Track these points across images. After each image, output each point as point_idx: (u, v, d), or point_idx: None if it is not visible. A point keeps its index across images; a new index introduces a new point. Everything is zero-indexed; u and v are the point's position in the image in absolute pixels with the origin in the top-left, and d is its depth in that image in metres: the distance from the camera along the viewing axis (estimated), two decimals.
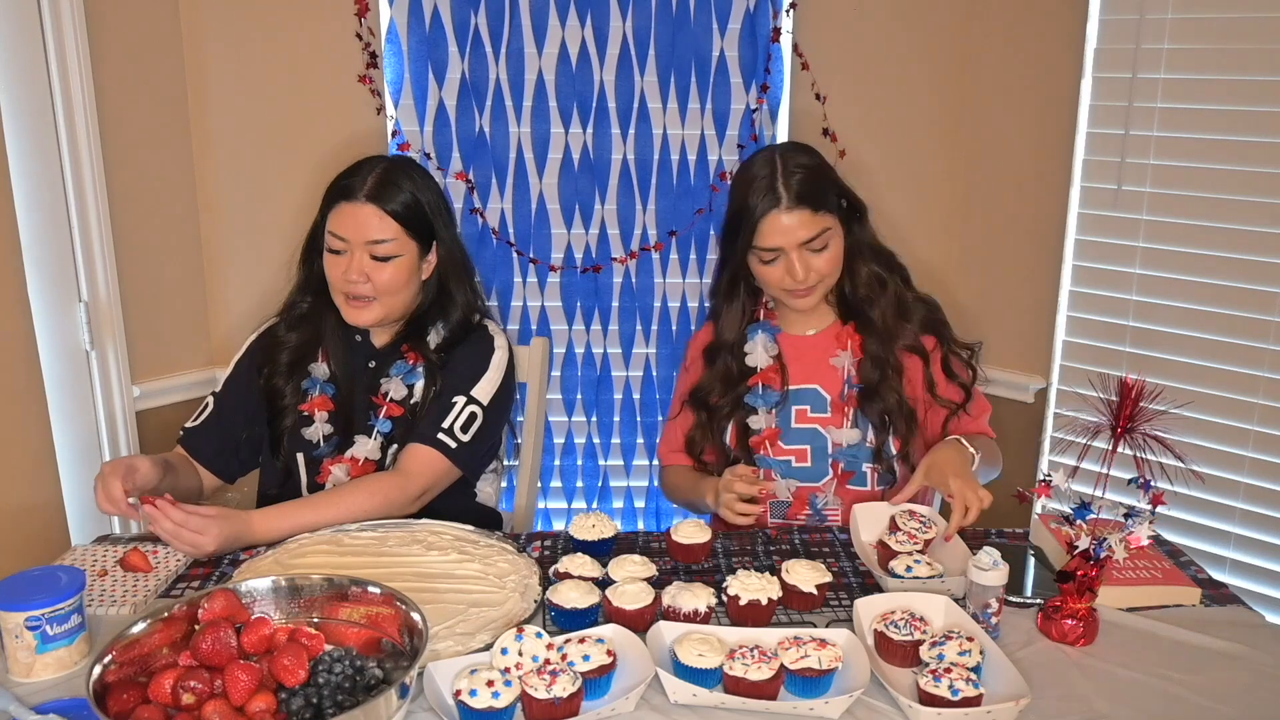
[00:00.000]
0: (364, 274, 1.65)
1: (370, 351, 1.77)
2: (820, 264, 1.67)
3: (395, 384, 1.72)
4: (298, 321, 1.78)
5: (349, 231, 1.65)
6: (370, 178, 1.66)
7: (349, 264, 1.65)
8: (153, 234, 2.20)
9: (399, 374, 1.73)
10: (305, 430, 1.73)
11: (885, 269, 1.75)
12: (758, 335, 1.77)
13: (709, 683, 1.17)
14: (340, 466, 1.71)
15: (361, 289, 1.66)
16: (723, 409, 1.77)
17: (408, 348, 1.75)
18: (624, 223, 2.39)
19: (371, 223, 1.64)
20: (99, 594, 1.38)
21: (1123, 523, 1.32)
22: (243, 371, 1.79)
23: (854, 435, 1.73)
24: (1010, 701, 1.12)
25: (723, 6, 2.28)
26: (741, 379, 1.77)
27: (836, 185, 1.71)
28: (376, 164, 1.69)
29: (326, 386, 1.75)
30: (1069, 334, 2.37)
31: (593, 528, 1.51)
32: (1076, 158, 2.28)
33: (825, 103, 2.35)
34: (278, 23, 2.23)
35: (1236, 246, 2.09)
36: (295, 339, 1.76)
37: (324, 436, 1.73)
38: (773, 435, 1.74)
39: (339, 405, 1.74)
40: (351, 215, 1.65)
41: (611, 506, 2.58)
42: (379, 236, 1.65)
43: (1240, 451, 2.14)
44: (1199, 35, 2.08)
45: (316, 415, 1.73)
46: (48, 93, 1.94)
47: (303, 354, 1.76)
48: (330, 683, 1.06)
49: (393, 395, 1.72)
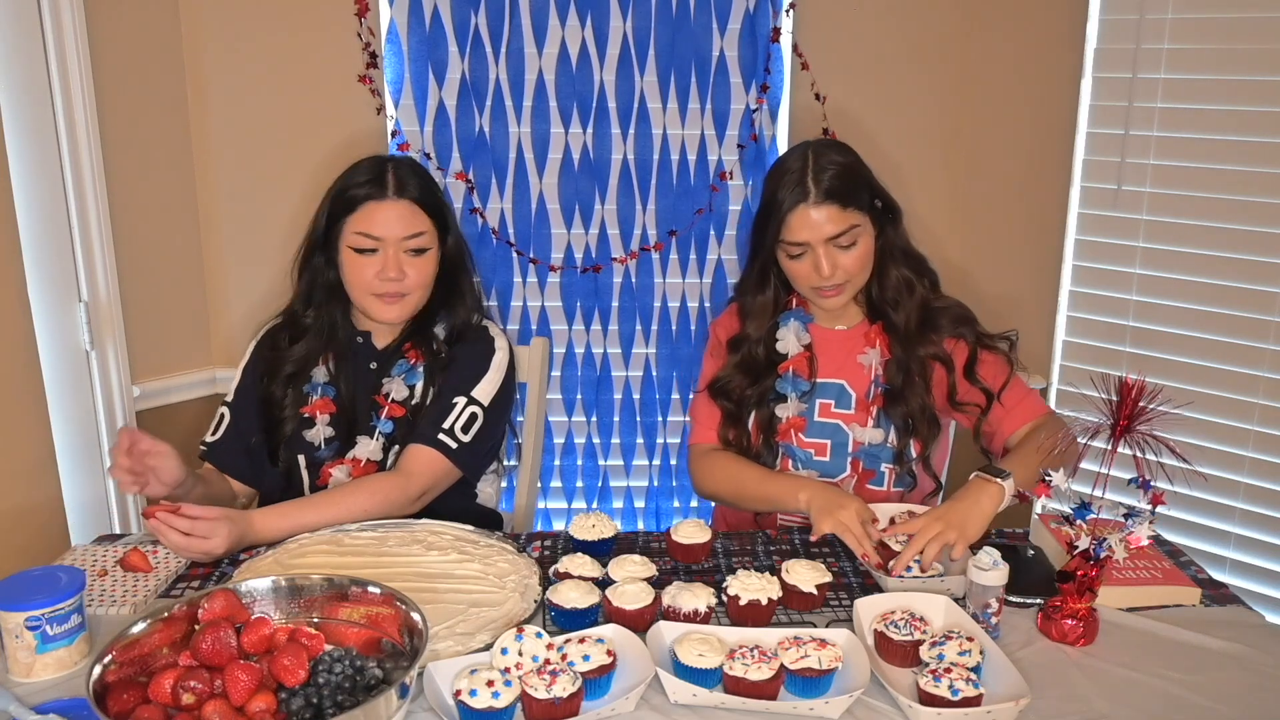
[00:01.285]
0: (400, 270, 1.65)
1: (372, 353, 1.77)
2: (848, 262, 1.66)
3: (397, 384, 1.72)
4: (300, 333, 1.76)
5: (383, 229, 1.64)
6: (391, 176, 1.66)
7: (384, 262, 1.64)
8: (153, 234, 2.20)
9: (400, 374, 1.73)
10: (306, 433, 1.73)
11: (915, 273, 1.73)
12: (790, 323, 1.77)
13: (709, 683, 1.17)
14: (341, 468, 1.71)
15: (395, 286, 1.65)
16: (750, 399, 1.76)
17: (410, 346, 1.74)
18: (624, 223, 2.39)
19: (406, 217, 1.65)
20: (99, 594, 1.38)
21: (1123, 523, 1.32)
22: (249, 378, 1.79)
23: (877, 435, 1.73)
24: (1010, 701, 1.12)
25: (722, 6, 2.28)
26: (769, 367, 1.76)
27: (869, 184, 1.69)
28: (387, 162, 1.69)
29: (328, 389, 1.74)
30: (1069, 334, 2.37)
31: (593, 528, 1.51)
32: (1076, 158, 2.28)
33: (825, 103, 2.35)
34: (278, 23, 2.23)
35: (1236, 246, 2.09)
36: (298, 351, 1.75)
37: (325, 439, 1.73)
38: (799, 424, 1.74)
39: (340, 407, 1.74)
40: (384, 213, 1.64)
41: (611, 506, 2.58)
42: (416, 229, 1.65)
43: (1240, 451, 2.14)
44: (1199, 35, 2.08)
45: (318, 418, 1.73)
46: (48, 93, 1.94)
47: (304, 365, 1.75)
48: (330, 683, 1.06)
49: (394, 396, 1.72)
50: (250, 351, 1.81)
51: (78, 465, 2.08)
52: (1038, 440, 1.62)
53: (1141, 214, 2.21)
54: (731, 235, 2.42)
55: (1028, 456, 1.59)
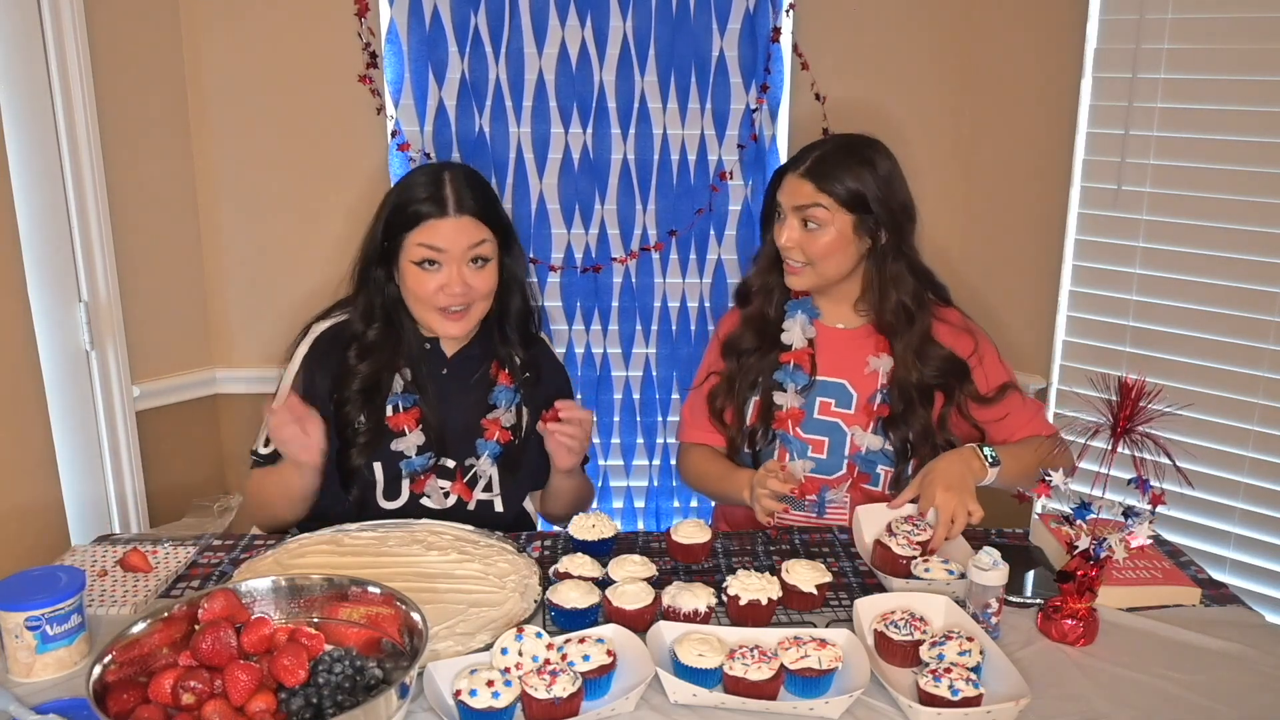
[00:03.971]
0: (465, 283, 1.61)
1: (442, 360, 1.72)
2: (805, 241, 1.68)
3: (505, 414, 1.71)
4: (366, 349, 1.68)
5: (448, 242, 1.59)
6: (451, 187, 1.61)
7: (449, 276, 1.60)
8: (153, 234, 2.20)
9: (504, 403, 1.71)
10: (395, 443, 1.66)
11: (917, 296, 1.72)
12: (798, 314, 1.77)
13: (709, 683, 1.17)
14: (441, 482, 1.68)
15: (460, 298, 1.62)
16: (751, 371, 1.77)
17: (497, 366, 1.72)
18: (624, 223, 2.39)
19: (469, 229, 1.60)
20: (99, 594, 1.38)
21: (1122, 523, 1.32)
22: (307, 381, 1.67)
23: (876, 441, 1.73)
24: (1010, 701, 1.12)
25: (722, 6, 2.28)
26: (776, 341, 1.77)
27: (871, 188, 1.67)
28: (446, 171, 1.64)
29: (408, 398, 1.68)
30: (1069, 334, 2.37)
31: (593, 528, 1.51)
32: (1076, 158, 2.28)
33: (825, 103, 2.35)
34: (278, 23, 2.23)
35: (1236, 246, 2.09)
36: (367, 369, 1.67)
37: (418, 448, 1.67)
38: (796, 416, 1.74)
39: (424, 418, 1.68)
40: (449, 226, 1.60)
41: (611, 506, 2.58)
42: (480, 238, 1.61)
43: (1240, 451, 2.14)
44: (1199, 35, 2.08)
45: (407, 429, 1.66)
46: (48, 93, 1.94)
47: (376, 381, 1.68)
48: (330, 683, 1.06)
49: (505, 422, 1.71)
50: (304, 354, 1.69)
51: (78, 465, 2.08)
52: (1035, 444, 1.67)
53: (1141, 214, 2.20)
54: (731, 235, 2.42)
55: (1020, 454, 1.63)
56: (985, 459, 1.58)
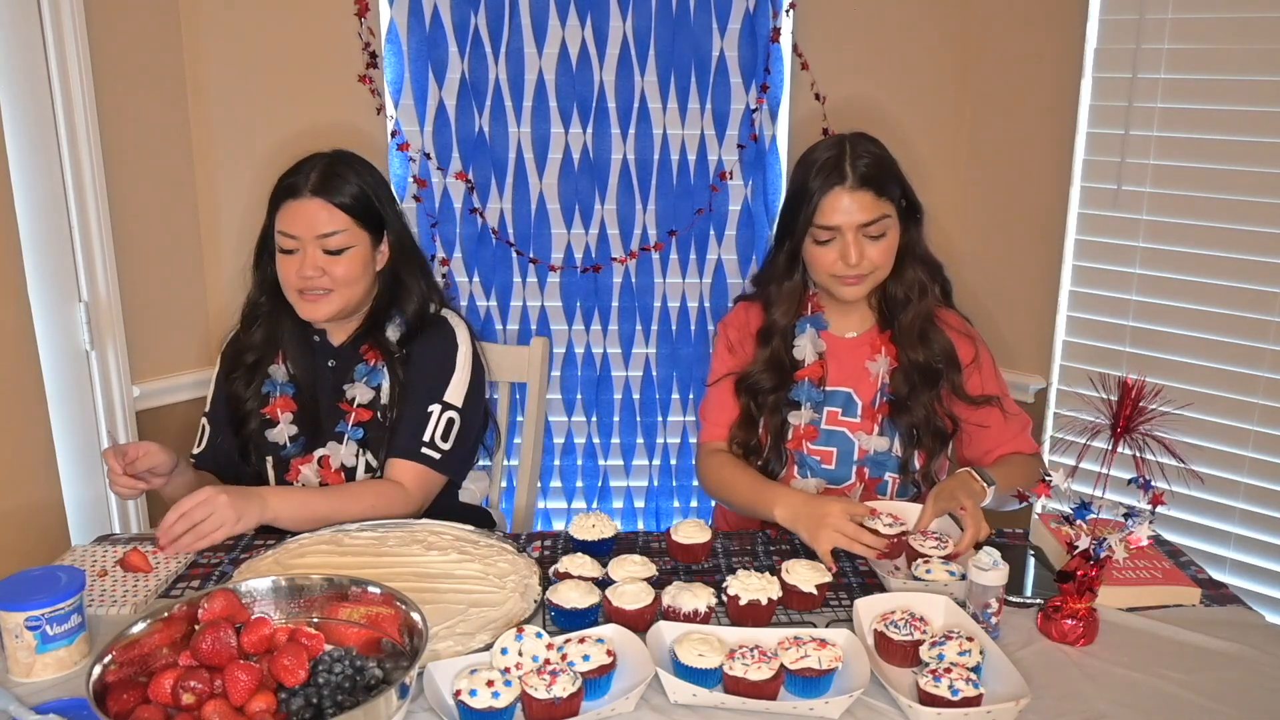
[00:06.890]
0: (319, 269, 1.65)
1: (329, 351, 1.76)
2: (874, 253, 1.64)
3: (360, 389, 1.72)
4: (257, 323, 1.77)
5: (299, 228, 1.64)
6: (313, 173, 1.66)
7: (302, 261, 1.65)
8: (153, 234, 2.20)
9: (362, 378, 1.72)
10: (269, 433, 1.73)
11: (929, 278, 1.72)
12: (807, 330, 1.75)
13: (709, 683, 1.17)
14: (309, 466, 1.71)
15: (318, 283, 1.65)
16: (770, 401, 1.74)
17: (367, 347, 1.74)
18: (624, 223, 2.39)
19: (320, 216, 1.64)
20: (99, 594, 1.38)
21: (1123, 523, 1.32)
22: (220, 385, 1.81)
23: (881, 443, 1.72)
24: (1010, 701, 1.12)
25: (722, 6, 2.28)
26: (792, 369, 1.75)
27: (899, 179, 1.68)
28: (318, 160, 1.69)
29: (287, 387, 1.75)
30: (1069, 334, 2.37)
31: (593, 528, 1.51)
32: (1076, 158, 2.28)
33: (825, 103, 2.35)
34: (278, 23, 2.23)
35: (1236, 246, 2.09)
36: (256, 339, 1.77)
37: (290, 438, 1.73)
38: (811, 434, 1.74)
39: (302, 406, 1.74)
40: (299, 212, 1.64)
41: (611, 506, 2.58)
42: (329, 229, 1.64)
43: (1240, 451, 2.14)
44: (1199, 35, 2.08)
45: (280, 417, 1.73)
46: (48, 93, 1.94)
47: (263, 355, 1.77)
48: (330, 683, 1.06)
49: (359, 400, 1.71)
50: (219, 359, 1.83)
51: (78, 465, 2.08)
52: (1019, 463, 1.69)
53: (1141, 214, 2.21)
54: (731, 235, 2.42)
55: (1010, 474, 1.62)
56: (982, 481, 1.55)
